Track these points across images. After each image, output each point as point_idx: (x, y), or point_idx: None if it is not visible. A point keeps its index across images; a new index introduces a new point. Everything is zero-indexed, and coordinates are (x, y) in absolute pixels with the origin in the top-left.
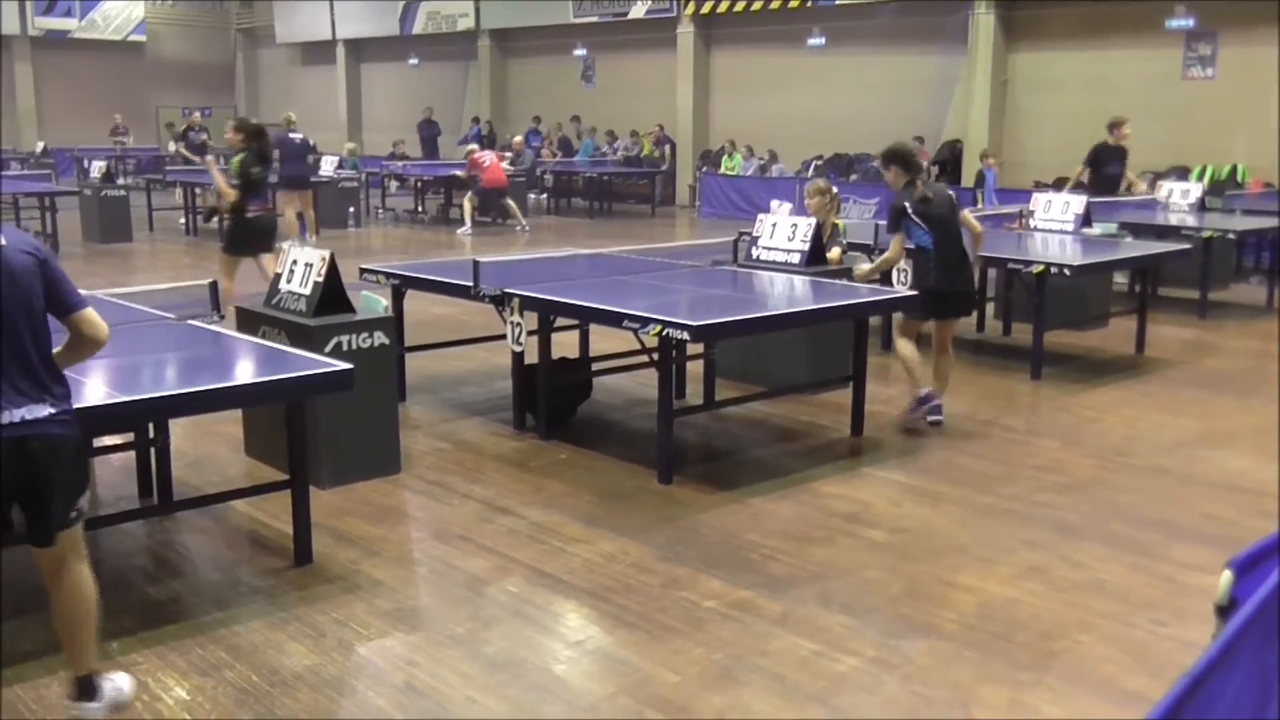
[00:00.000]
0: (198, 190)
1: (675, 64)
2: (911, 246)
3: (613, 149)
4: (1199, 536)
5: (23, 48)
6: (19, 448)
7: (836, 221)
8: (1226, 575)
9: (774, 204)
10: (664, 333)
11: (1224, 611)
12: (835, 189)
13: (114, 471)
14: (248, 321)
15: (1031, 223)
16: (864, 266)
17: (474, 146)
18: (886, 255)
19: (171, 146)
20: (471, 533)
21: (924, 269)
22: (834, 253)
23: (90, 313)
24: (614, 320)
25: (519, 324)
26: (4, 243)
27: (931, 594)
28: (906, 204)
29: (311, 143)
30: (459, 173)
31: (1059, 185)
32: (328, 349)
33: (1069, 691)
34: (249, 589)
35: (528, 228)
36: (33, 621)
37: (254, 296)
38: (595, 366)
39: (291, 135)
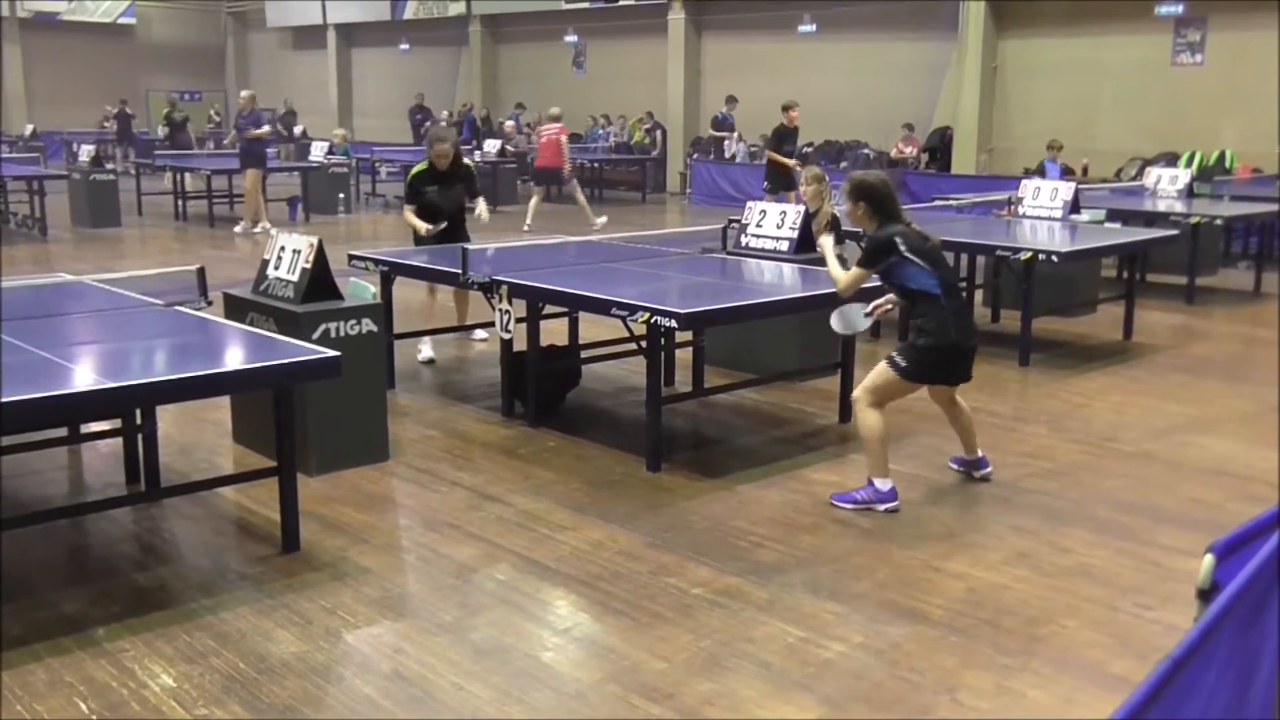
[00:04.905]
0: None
1: (666, 50)
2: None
3: (605, 134)
4: (1185, 521)
5: (11, 29)
6: None
7: (835, 211)
8: (1208, 559)
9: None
10: (652, 320)
11: (1206, 595)
12: (826, 177)
13: (101, 458)
14: (235, 308)
15: (1020, 209)
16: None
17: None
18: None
19: (161, 131)
20: (459, 520)
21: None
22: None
23: None
24: (602, 308)
25: (508, 311)
26: None
27: (918, 580)
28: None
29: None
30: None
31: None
32: (316, 336)
33: (1054, 676)
34: (236, 576)
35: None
36: (20, 607)
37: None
38: (584, 354)
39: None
